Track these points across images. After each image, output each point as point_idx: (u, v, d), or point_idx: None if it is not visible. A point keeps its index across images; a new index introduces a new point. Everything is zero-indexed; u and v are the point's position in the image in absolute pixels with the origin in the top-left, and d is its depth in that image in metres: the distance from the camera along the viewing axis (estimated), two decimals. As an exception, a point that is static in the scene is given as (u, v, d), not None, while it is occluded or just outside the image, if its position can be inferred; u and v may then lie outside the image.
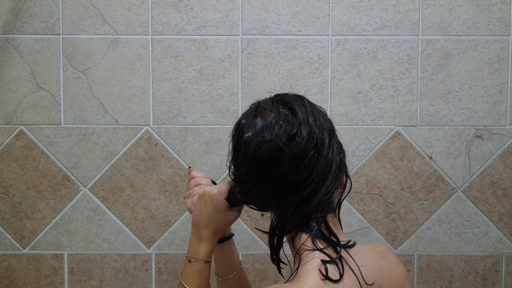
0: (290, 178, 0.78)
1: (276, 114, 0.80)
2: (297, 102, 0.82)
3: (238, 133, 0.83)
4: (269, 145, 0.78)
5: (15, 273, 1.35)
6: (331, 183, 0.80)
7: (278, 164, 0.78)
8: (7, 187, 1.34)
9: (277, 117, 0.80)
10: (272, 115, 0.80)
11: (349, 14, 1.32)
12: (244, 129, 0.81)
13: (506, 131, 1.34)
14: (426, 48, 1.32)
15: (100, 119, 1.33)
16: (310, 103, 0.84)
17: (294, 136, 0.78)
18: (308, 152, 0.78)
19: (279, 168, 0.78)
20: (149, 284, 1.35)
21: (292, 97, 0.85)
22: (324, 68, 1.33)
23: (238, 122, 0.86)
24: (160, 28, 1.32)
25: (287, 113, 0.80)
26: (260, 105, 0.85)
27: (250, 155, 0.79)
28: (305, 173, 0.78)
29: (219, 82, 1.33)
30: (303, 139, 0.78)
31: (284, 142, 0.77)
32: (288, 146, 0.77)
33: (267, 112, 0.81)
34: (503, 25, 1.32)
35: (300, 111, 0.80)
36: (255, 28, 1.32)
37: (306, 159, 0.78)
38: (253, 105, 0.87)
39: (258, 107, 0.84)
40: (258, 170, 0.79)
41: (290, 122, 0.79)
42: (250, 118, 0.82)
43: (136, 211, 1.35)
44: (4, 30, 1.32)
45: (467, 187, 1.34)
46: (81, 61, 1.33)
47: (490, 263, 1.35)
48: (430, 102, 1.33)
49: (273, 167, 0.78)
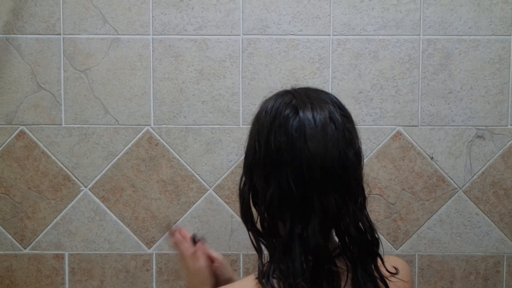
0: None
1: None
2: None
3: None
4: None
5: (16, 273, 1.35)
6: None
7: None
8: (7, 187, 1.34)
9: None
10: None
11: (350, 14, 1.32)
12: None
13: (508, 131, 1.33)
14: (427, 48, 1.32)
15: (101, 119, 1.33)
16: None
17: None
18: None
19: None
20: (150, 284, 1.35)
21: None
22: (325, 68, 1.32)
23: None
24: (161, 28, 1.32)
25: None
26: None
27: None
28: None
29: (220, 82, 1.33)
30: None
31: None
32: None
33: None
34: (505, 25, 1.32)
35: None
36: (256, 28, 1.32)
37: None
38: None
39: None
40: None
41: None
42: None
43: (137, 211, 1.35)
44: (5, 30, 1.32)
45: (468, 187, 1.34)
46: (81, 61, 1.33)
47: (491, 263, 1.35)
48: (431, 102, 1.33)
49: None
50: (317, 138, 0.72)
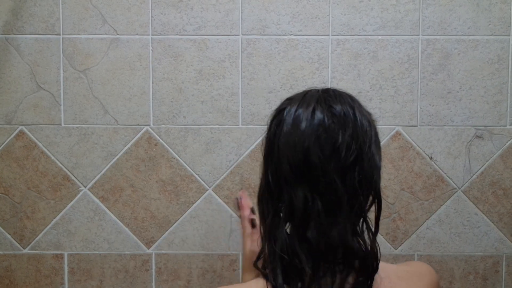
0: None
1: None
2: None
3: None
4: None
5: (15, 273, 1.35)
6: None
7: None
8: (7, 187, 1.34)
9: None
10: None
11: (349, 14, 1.32)
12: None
13: (507, 131, 1.33)
14: (427, 48, 1.32)
15: (100, 119, 1.33)
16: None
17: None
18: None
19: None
20: (149, 284, 1.35)
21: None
22: (324, 68, 1.33)
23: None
24: (160, 28, 1.32)
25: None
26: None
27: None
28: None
29: (219, 82, 1.33)
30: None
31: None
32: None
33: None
34: (504, 25, 1.32)
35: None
36: (255, 28, 1.32)
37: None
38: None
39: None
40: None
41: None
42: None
43: (136, 211, 1.35)
44: (4, 30, 1.32)
45: (467, 187, 1.34)
46: (81, 61, 1.33)
47: (490, 263, 1.35)
48: (430, 102, 1.33)
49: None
50: (289, 134, 0.75)
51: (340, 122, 0.75)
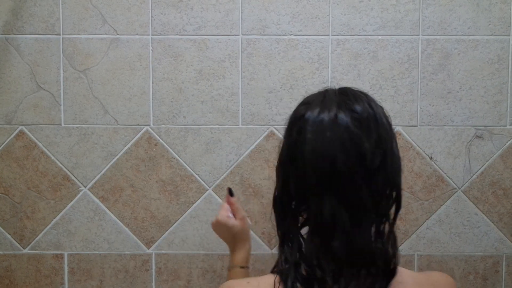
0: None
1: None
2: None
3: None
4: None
5: (15, 273, 1.35)
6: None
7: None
8: (7, 187, 1.34)
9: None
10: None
11: (349, 14, 1.32)
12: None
13: (507, 131, 1.33)
14: (427, 48, 1.32)
15: (100, 119, 1.33)
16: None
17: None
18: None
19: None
20: (149, 284, 1.35)
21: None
22: (324, 68, 1.33)
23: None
24: (160, 28, 1.32)
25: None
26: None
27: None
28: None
29: (219, 82, 1.33)
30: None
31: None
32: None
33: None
34: (504, 25, 1.32)
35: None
36: (255, 28, 1.32)
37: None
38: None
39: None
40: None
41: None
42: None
43: (136, 211, 1.35)
44: (4, 30, 1.32)
45: (467, 187, 1.34)
46: (81, 61, 1.33)
47: (490, 263, 1.35)
48: (430, 102, 1.33)
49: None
50: (315, 140, 0.72)
51: (363, 126, 0.75)
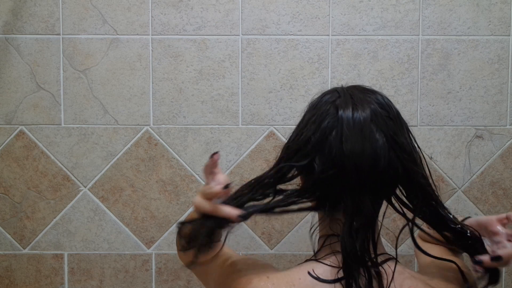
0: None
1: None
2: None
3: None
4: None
5: (15, 273, 1.35)
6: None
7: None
8: (7, 187, 1.34)
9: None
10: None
11: (349, 14, 1.32)
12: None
13: (507, 131, 1.33)
14: (426, 48, 1.32)
15: (100, 119, 1.33)
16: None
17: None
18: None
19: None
20: (149, 284, 1.35)
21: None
22: (324, 68, 1.33)
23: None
24: (160, 28, 1.32)
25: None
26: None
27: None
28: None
29: (219, 82, 1.33)
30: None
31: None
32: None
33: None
34: (504, 25, 1.32)
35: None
36: (255, 28, 1.32)
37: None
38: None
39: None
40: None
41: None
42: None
43: (136, 211, 1.35)
44: (4, 30, 1.32)
45: (468, 187, 1.34)
46: (81, 61, 1.33)
47: (490, 263, 1.35)
48: (430, 102, 1.33)
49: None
50: (354, 139, 0.72)
51: (396, 123, 0.76)
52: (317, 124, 0.75)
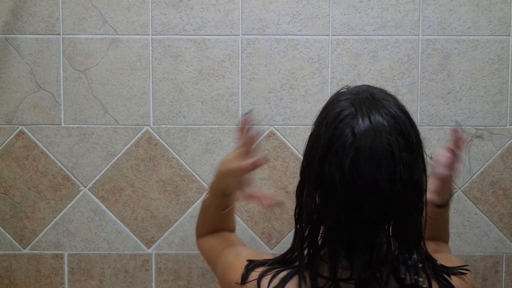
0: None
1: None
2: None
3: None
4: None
5: (15, 273, 1.35)
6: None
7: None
8: (7, 187, 1.34)
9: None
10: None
11: (349, 14, 1.32)
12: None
13: (507, 131, 1.33)
14: (426, 48, 1.32)
15: (100, 119, 1.33)
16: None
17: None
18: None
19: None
20: (149, 284, 1.35)
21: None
22: (324, 68, 1.33)
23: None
24: (160, 28, 1.32)
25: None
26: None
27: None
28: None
29: (219, 82, 1.33)
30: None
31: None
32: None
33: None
34: (504, 25, 1.32)
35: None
36: (255, 28, 1.32)
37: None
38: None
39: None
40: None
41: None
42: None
43: (136, 211, 1.35)
44: (4, 30, 1.32)
45: (468, 187, 1.34)
46: (81, 61, 1.33)
47: (490, 263, 1.35)
48: (430, 102, 1.33)
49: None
50: (369, 171, 0.70)
51: (411, 148, 0.77)
52: (333, 153, 0.72)
